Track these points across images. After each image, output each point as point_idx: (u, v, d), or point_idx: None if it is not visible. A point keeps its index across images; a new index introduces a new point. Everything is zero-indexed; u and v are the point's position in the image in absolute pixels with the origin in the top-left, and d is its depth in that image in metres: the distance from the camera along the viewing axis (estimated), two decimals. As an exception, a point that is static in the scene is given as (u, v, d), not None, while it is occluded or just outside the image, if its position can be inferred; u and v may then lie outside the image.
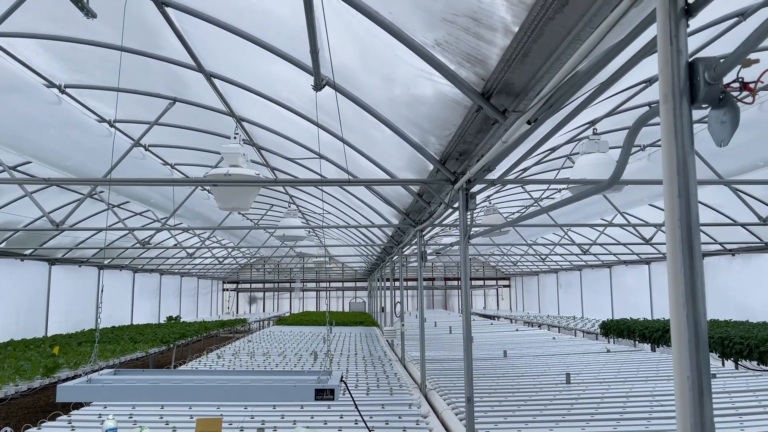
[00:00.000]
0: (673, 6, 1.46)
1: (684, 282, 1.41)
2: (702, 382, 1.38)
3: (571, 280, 23.16)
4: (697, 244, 1.42)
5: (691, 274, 1.41)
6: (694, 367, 1.39)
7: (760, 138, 7.23)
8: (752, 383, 6.64)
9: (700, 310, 1.41)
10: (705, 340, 1.40)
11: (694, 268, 1.41)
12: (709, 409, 1.37)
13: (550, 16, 2.08)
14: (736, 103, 1.45)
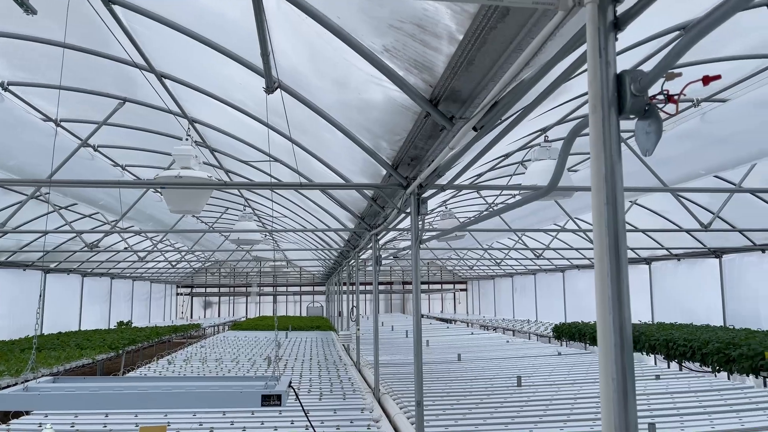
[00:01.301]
0: (602, 20, 1.51)
1: (610, 287, 1.45)
2: (626, 384, 1.43)
3: (525, 284, 23.56)
4: (624, 250, 1.47)
5: (618, 280, 1.45)
6: (619, 370, 1.43)
7: (702, 147, 7.51)
8: (694, 384, 6.88)
9: (625, 315, 1.45)
10: (630, 344, 1.45)
11: (620, 273, 1.46)
12: (633, 411, 1.42)
13: (492, 26, 2.12)
14: (659, 114, 1.50)
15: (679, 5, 4.35)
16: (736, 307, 12.25)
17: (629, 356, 1.44)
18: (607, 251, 1.46)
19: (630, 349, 1.44)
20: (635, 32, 4.73)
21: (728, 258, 12.54)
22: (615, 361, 1.43)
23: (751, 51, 5.93)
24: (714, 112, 6.90)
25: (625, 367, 1.43)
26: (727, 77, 6.56)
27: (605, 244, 1.46)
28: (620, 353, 1.43)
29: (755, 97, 6.24)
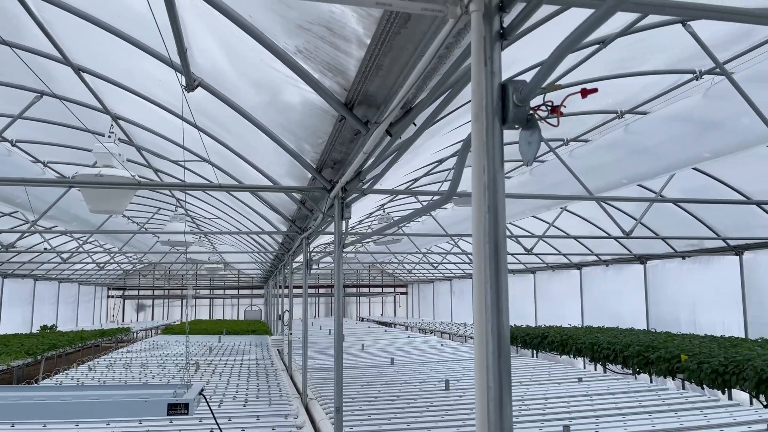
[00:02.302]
0: (488, 29, 1.52)
1: (489, 294, 1.46)
2: (503, 392, 1.43)
3: (463, 288, 23.90)
4: (503, 258, 1.48)
5: (497, 287, 1.46)
6: (496, 378, 1.43)
7: (626, 158, 7.79)
8: (613, 386, 7.12)
9: (504, 322, 1.46)
10: (507, 351, 1.46)
11: (499, 281, 1.47)
12: (508, 420, 1.43)
13: (396, 31, 2.12)
14: (539, 125, 1.53)
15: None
16: (658, 311, 12.80)
17: (506, 364, 1.45)
18: (487, 259, 1.47)
19: (507, 357, 1.45)
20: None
21: (652, 264, 13.09)
22: (492, 368, 1.44)
23: (669, 66, 6.19)
24: (636, 124, 7.18)
25: (502, 375, 1.44)
26: (647, 91, 6.85)
27: (486, 251, 1.47)
28: (497, 361, 1.44)
29: (672, 111, 6.53)
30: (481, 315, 1.45)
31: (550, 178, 9.17)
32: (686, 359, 7.72)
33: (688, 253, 11.77)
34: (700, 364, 7.40)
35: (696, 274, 11.67)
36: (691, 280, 11.76)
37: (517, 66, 4.49)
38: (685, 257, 11.95)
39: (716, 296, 11.07)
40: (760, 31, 5.37)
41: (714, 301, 11.14)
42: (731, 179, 9.11)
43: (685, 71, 6.17)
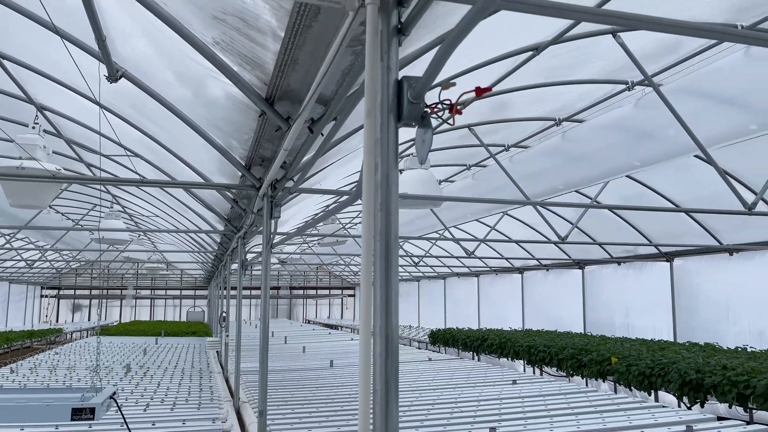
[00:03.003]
0: (385, 23, 1.49)
1: (379, 295, 1.42)
2: (389, 396, 1.40)
3: (409, 290, 24.00)
4: (395, 258, 1.44)
5: (387, 288, 1.43)
6: (382, 380, 1.40)
7: (564, 164, 7.95)
8: (545, 388, 7.24)
9: (392, 323, 1.43)
10: (396, 354, 1.42)
11: (389, 281, 1.43)
12: (394, 424, 1.39)
13: (307, 24, 2.07)
14: (431, 124, 1.50)
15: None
16: (594, 315, 13.15)
17: (394, 367, 1.41)
18: (377, 258, 1.43)
19: (395, 359, 1.41)
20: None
21: (590, 269, 13.44)
22: (379, 371, 1.40)
23: (603, 76, 6.34)
24: (573, 131, 7.34)
25: (389, 378, 1.40)
26: (583, 99, 7.00)
27: (377, 251, 1.43)
28: (384, 363, 1.40)
29: (607, 119, 6.69)
30: (368, 315, 1.41)
31: (492, 182, 9.29)
32: (616, 362, 7.94)
33: (623, 258, 12.13)
34: (628, 366, 7.62)
35: (630, 279, 12.04)
36: (626, 285, 12.13)
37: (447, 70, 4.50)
38: (620, 263, 12.31)
39: (648, 301, 11.45)
40: (687, 44, 5.55)
41: (646, 306, 11.52)
42: (663, 188, 9.43)
43: (618, 81, 6.33)
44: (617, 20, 1.96)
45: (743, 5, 4.74)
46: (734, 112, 5.37)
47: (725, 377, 6.19)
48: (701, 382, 6.48)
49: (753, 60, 4.92)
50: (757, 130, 5.29)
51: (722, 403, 6.32)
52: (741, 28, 4.97)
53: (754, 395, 5.88)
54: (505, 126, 7.99)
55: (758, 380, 5.85)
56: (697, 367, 6.65)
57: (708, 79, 5.42)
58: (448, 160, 10.02)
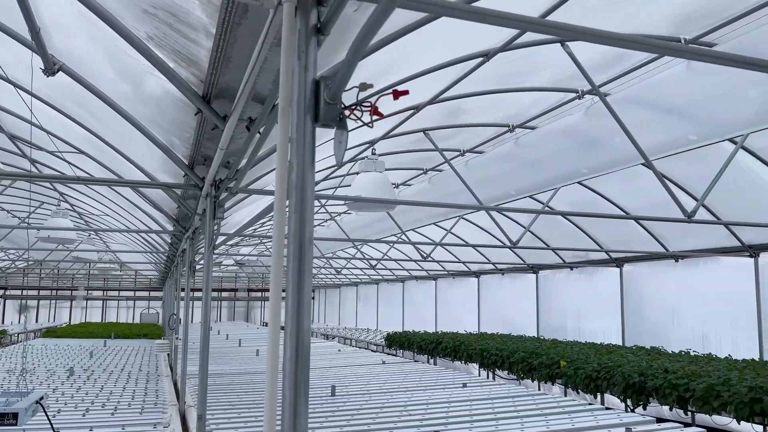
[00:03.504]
0: (303, 22, 1.46)
1: (291, 298, 1.40)
2: (298, 402, 1.37)
3: (369, 294, 23.99)
4: (308, 261, 1.42)
5: (299, 291, 1.40)
6: (291, 386, 1.37)
7: (517, 170, 8.06)
8: (495, 391, 7.31)
9: (304, 328, 1.40)
10: (307, 359, 1.39)
11: (302, 285, 1.40)
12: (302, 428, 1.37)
13: (237, 22, 2.03)
14: (347, 125, 1.48)
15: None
16: (547, 318, 13.37)
17: (304, 372, 1.38)
18: (290, 261, 1.40)
19: (306, 364, 1.39)
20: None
21: (543, 274, 13.66)
22: (288, 376, 1.37)
23: (553, 84, 6.44)
24: (526, 138, 7.44)
25: (299, 384, 1.37)
26: (535, 106, 7.10)
27: (290, 253, 1.40)
28: (294, 368, 1.37)
29: (558, 127, 6.81)
30: (276, 321, 1.38)
31: (448, 186, 9.36)
32: (565, 365, 8.07)
33: (575, 263, 12.37)
34: (576, 370, 7.75)
35: (582, 283, 12.29)
36: (578, 289, 12.37)
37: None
38: (573, 268, 12.55)
39: (599, 305, 11.70)
40: (633, 55, 5.68)
41: (597, 310, 11.77)
42: (613, 195, 9.65)
43: (568, 90, 6.44)
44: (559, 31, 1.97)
45: (686, 19, 4.88)
46: (676, 123, 5.52)
47: (666, 380, 6.36)
48: (644, 385, 6.64)
49: (694, 73, 5.07)
50: (696, 141, 5.46)
51: (663, 405, 6.49)
52: (684, 41, 5.12)
53: (693, 398, 6.05)
54: (460, 131, 8.06)
55: (697, 383, 6.02)
56: (641, 371, 6.81)
57: (652, 90, 5.56)
58: (405, 164, 10.05)
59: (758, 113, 4.88)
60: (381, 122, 6.87)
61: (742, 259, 8.88)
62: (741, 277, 8.90)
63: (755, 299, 8.66)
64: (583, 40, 1.92)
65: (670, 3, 4.56)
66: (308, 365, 1.38)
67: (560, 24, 1.92)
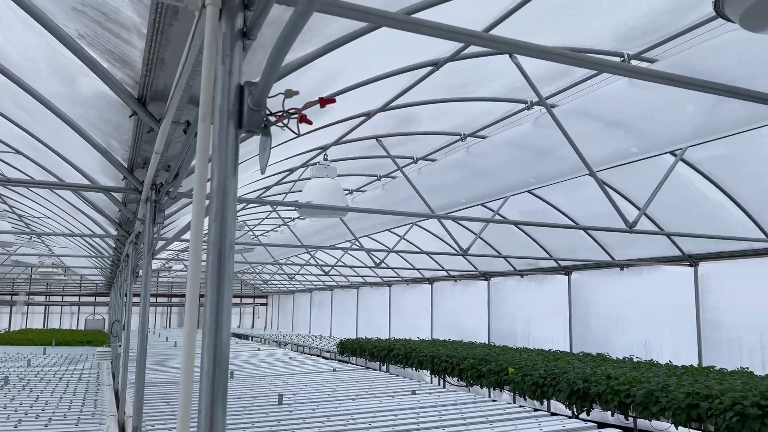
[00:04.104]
0: (229, 25, 1.42)
1: (209, 309, 1.35)
2: (215, 418, 1.32)
3: (323, 300, 23.84)
4: (228, 271, 1.37)
5: (218, 302, 1.35)
6: (208, 402, 1.32)
7: (468, 178, 8.14)
8: (443, 399, 7.33)
9: (223, 340, 1.35)
10: (225, 373, 1.35)
11: (221, 295, 1.36)
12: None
13: (168, 23, 1.97)
14: (270, 133, 1.45)
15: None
16: (499, 325, 13.54)
17: (222, 387, 1.34)
18: (209, 270, 1.36)
19: (224, 379, 1.34)
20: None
21: (495, 281, 13.84)
22: (204, 391, 1.32)
23: (503, 95, 6.54)
24: (477, 147, 7.53)
25: (216, 399, 1.32)
26: (486, 116, 7.19)
27: (209, 262, 1.36)
28: (211, 383, 1.32)
29: (508, 136, 6.91)
30: (193, 332, 1.33)
31: (401, 193, 9.39)
32: (513, 372, 8.17)
33: (525, 271, 12.57)
34: (523, 376, 7.86)
35: (532, 291, 12.49)
36: (527, 296, 12.57)
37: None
38: (523, 275, 12.75)
39: (548, 312, 11.91)
40: (579, 69, 5.82)
41: (546, 317, 11.98)
42: (562, 204, 9.86)
43: (517, 100, 6.54)
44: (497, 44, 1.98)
45: (630, 35, 5.02)
46: (619, 135, 5.68)
47: (609, 387, 6.50)
48: (588, 391, 6.77)
49: (636, 87, 5.23)
50: (638, 153, 5.62)
51: (606, 411, 6.63)
52: (627, 56, 5.27)
53: (634, 404, 6.20)
54: (413, 138, 8.09)
55: (638, 389, 6.17)
56: (585, 377, 6.94)
57: (597, 102, 5.70)
58: (358, 170, 10.04)
59: (696, 128, 5.06)
60: (333, 128, 6.84)
61: (683, 268, 9.18)
62: (682, 285, 9.20)
63: (695, 307, 8.96)
64: (519, 53, 1.94)
65: (614, 19, 4.68)
66: (226, 381, 1.34)
67: (498, 38, 1.94)
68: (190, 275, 1.35)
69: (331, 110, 5.44)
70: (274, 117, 1.47)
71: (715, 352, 8.67)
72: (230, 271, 1.37)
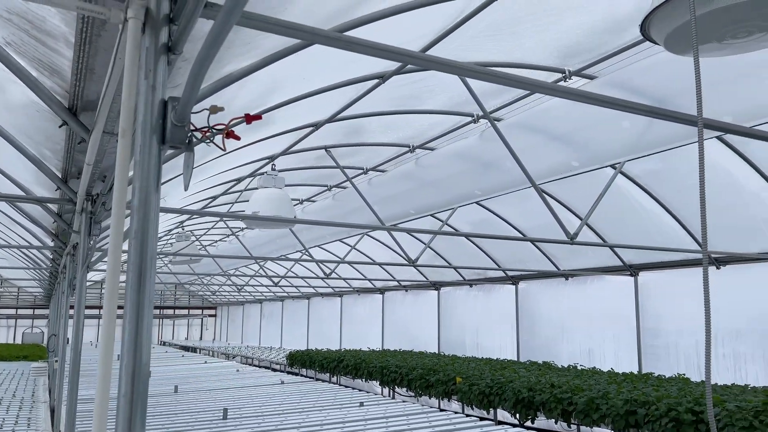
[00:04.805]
0: (153, 39, 1.40)
1: (128, 329, 1.31)
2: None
3: (273, 311, 23.53)
4: (149, 289, 1.34)
5: (137, 322, 1.32)
6: (125, 426, 1.28)
7: (417, 189, 8.21)
8: (391, 410, 7.33)
9: (142, 361, 1.32)
10: (144, 396, 1.31)
11: (141, 315, 1.32)
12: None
13: (96, 33, 1.92)
14: (193, 150, 1.43)
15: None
16: (448, 334, 13.65)
17: (141, 410, 1.30)
18: (131, 289, 1.32)
19: (143, 402, 1.30)
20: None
21: (445, 290, 13.96)
22: (122, 415, 1.28)
23: (450, 108, 6.63)
24: (425, 158, 7.60)
25: (134, 424, 1.28)
26: (434, 128, 7.28)
27: (128, 280, 1.32)
28: (129, 406, 1.28)
29: (455, 148, 7.00)
30: (109, 353, 1.29)
31: (352, 203, 9.39)
32: (461, 382, 8.24)
33: (474, 281, 12.73)
34: (471, 386, 7.94)
35: (480, 300, 12.65)
36: (476, 306, 12.73)
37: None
38: (472, 285, 12.91)
39: (496, 321, 12.09)
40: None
41: (494, 326, 12.15)
42: (509, 215, 10.04)
43: (464, 113, 6.64)
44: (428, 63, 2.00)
45: (570, 52, 5.17)
46: (561, 149, 5.84)
47: (552, 395, 6.63)
48: (532, 399, 6.89)
49: (577, 103, 5.38)
50: (578, 167, 5.79)
51: (549, 419, 6.76)
52: (568, 72, 5.42)
53: (576, 411, 6.34)
54: (363, 149, 8.12)
55: (579, 397, 6.32)
56: (530, 386, 7.07)
57: (540, 117, 5.85)
58: (309, 180, 9.99)
59: (631, 143, 5.25)
60: (281, 138, 6.79)
61: (624, 278, 9.48)
62: (623, 294, 9.50)
63: (635, 315, 9.26)
64: (452, 72, 1.97)
65: (555, 36, 4.81)
66: (145, 404, 1.30)
67: (431, 57, 1.97)
68: (107, 297, 1.31)
69: (279, 120, 5.40)
70: (199, 133, 1.45)
71: (654, 359, 8.97)
72: (152, 291, 1.34)
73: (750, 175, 6.67)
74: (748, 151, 6.43)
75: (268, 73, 3.51)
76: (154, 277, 1.35)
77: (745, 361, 7.92)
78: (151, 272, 1.34)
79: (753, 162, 6.51)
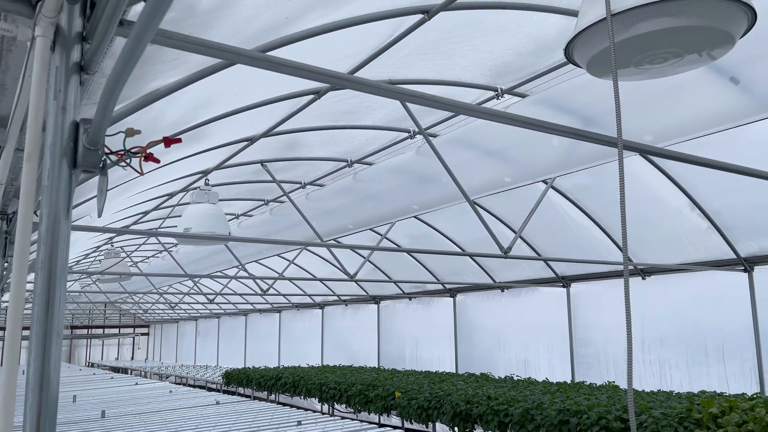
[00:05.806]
0: (64, 58, 1.33)
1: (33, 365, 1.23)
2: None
3: (209, 328, 22.92)
4: (58, 322, 1.26)
5: (43, 357, 1.23)
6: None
7: (355, 204, 8.20)
8: (329, 428, 7.23)
9: (50, 399, 1.23)
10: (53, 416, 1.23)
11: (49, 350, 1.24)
12: None
13: (8, 48, 1.82)
14: (107, 174, 1.37)
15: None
16: (388, 348, 13.65)
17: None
18: (37, 325, 1.24)
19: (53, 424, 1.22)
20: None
21: (384, 304, 13.97)
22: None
23: (387, 123, 6.67)
24: (363, 173, 7.61)
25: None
26: (371, 144, 7.30)
27: (34, 313, 1.24)
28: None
29: (393, 164, 7.04)
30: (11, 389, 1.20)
31: (290, 218, 9.28)
32: (400, 396, 8.23)
33: (413, 294, 12.81)
34: (410, 400, 7.94)
35: (419, 313, 12.73)
36: (416, 318, 12.80)
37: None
38: (411, 298, 12.98)
39: (435, 334, 12.18)
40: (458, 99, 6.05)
41: (433, 338, 12.24)
42: (447, 229, 10.17)
43: (400, 129, 6.70)
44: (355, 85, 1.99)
45: (502, 70, 5.30)
46: (494, 164, 5.97)
47: (489, 407, 6.72)
48: (470, 412, 6.95)
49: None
50: (511, 183, 5.94)
51: (487, 431, 6.84)
52: (501, 90, 5.56)
53: (512, 422, 6.44)
54: (301, 164, 8.05)
55: (515, 408, 6.43)
56: (467, 398, 7.13)
57: (475, 132, 5.96)
58: (245, 195, 9.82)
59: (560, 160, 5.43)
60: (215, 152, 6.64)
61: (557, 289, 9.75)
62: (556, 305, 9.77)
63: (567, 325, 9.53)
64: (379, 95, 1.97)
65: (487, 56, 4.92)
66: (54, 425, 1.22)
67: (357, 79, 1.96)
68: (9, 332, 1.23)
69: (213, 134, 5.28)
70: (115, 156, 1.38)
71: (586, 367, 9.25)
72: (61, 323, 1.26)
73: (672, 190, 7.02)
74: (671, 168, 6.76)
75: (200, 88, 3.43)
76: (63, 309, 1.27)
77: (669, 367, 8.27)
78: (60, 306, 1.26)
79: (674, 178, 6.85)
